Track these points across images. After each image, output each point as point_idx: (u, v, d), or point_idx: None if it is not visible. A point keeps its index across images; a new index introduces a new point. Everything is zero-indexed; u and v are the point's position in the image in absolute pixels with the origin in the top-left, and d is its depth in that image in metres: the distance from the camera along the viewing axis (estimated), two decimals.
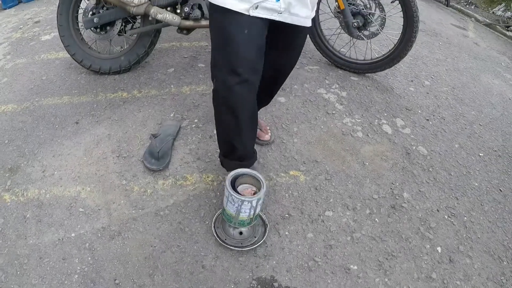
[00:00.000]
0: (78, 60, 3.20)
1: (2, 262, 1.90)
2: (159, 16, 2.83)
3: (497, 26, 8.22)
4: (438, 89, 3.71)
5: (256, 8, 1.57)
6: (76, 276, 1.84)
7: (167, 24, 2.90)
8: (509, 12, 9.29)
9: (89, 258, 1.92)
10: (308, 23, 1.77)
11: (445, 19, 7.42)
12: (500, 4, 9.97)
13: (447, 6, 9.32)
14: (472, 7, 9.59)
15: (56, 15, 3.13)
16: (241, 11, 1.57)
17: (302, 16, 1.69)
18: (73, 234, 2.02)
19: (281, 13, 1.62)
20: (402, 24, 3.17)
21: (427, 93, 3.57)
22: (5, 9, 6.12)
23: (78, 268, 1.87)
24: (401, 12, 3.15)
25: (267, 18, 1.62)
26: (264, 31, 1.71)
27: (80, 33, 3.23)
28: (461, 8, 9.25)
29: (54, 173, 2.37)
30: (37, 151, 2.54)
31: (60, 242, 1.98)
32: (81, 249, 1.95)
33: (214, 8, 1.64)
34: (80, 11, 3.19)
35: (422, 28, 5.86)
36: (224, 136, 2.00)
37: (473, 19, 8.43)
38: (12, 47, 4.05)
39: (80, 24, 3.20)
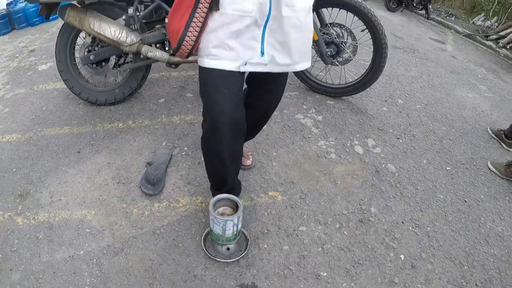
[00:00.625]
0: (76, 92, 3.46)
1: (19, 277, 2.13)
2: (150, 54, 3.11)
3: (477, 36, 8.49)
4: (411, 107, 3.94)
5: (245, 64, 1.79)
6: (86, 287, 2.09)
7: (157, 60, 3.18)
8: (489, 22, 9.56)
9: (97, 272, 2.16)
10: (296, 69, 1.97)
11: (424, 33, 7.60)
12: (480, 14, 10.24)
13: (427, 19, 9.58)
14: (453, 18, 9.82)
15: (54, 51, 3.39)
16: (231, 69, 1.78)
17: (286, 64, 1.89)
18: (82, 252, 2.26)
19: (266, 65, 1.83)
20: (372, 50, 3.44)
21: (400, 112, 3.80)
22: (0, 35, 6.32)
23: (88, 280, 2.12)
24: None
25: None
26: (243, 84, 1.97)
27: (77, 67, 3.49)
28: (441, 20, 9.51)
29: (61, 198, 2.61)
30: (44, 179, 2.77)
31: (70, 259, 2.22)
32: (90, 264, 2.20)
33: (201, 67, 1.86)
34: (77, 47, 3.46)
35: (400, 45, 6.06)
36: (213, 174, 2.25)
37: (452, 31, 8.65)
38: (11, 77, 4.28)
39: (77, 60, 3.46)
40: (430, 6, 9.80)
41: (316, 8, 3.40)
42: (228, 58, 1.75)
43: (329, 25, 3.48)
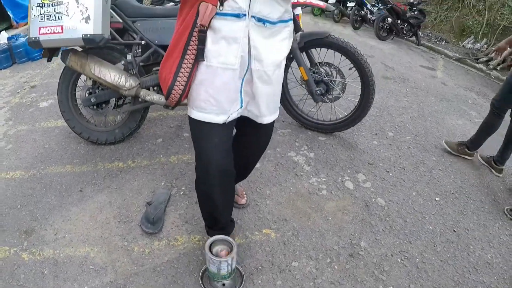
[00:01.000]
0: (77, 132, 3.60)
1: None
2: (147, 98, 3.26)
3: (467, 60, 8.67)
4: (401, 139, 4.07)
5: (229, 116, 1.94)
6: None
7: (154, 103, 3.33)
8: (478, 44, 9.77)
9: None
10: (263, 121, 2.10)
11: (415, 61, 7.74)
12: (469, 36, 10.44)
13: (418, 45, 9.80)
14: (443, 43, 10.03)
15: (55, 88, 3.53)
16: (218, 122, 1.92)
17: (255, 114, 2.05)
18: (86, 287, 2.37)
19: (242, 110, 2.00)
20: (360, 87, 3.59)
21: (390, 144, 3.94)
22: (1, 69, 6.42)
23: None
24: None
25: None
26: (232, 132, 2.11)
27: (79, 108, 3.64)
28: (432, 45, 9.72)
29: (65, 235, 2.72)
30: (48, 216, 2.88)
31: None
32: None
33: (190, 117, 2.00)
34: (78, 88, 3.61)
35: (390, 75, 6.22)
36: (206, 214, 2.38)
37: (443, 56, 8.82)
38: (13, 113, 4.41)
39: (78, 101, 3.62)
40: (420, 32, 10.05)
41: (305, 49, 3.58)
42: (215, 112, 1.89)
43: (318, 64, 3.65)
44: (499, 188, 3.48)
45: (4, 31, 8.06)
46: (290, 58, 3.52)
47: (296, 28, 3.55)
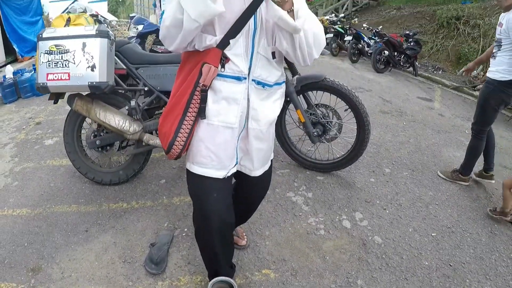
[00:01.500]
0: (82, 172, 3.72)
1: None
2: (151, 142, 3.40)
3: (464, 88, 8.79)
4: (398, 175, 4.15)
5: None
6: None
7: (157, 147, 3.46)
8: (475, 71, 9.91)
9: None
10: (256, 174, 2.18)
11: (412, 93, 7.86)
12: (465, 64, 10.59)
13: (415, 76, 9.96)
14: (440, 72, 10.19)
15: (60, 126, 3.66)
16: (218, 177, 2.01)
17: (249, 168, 2.15)
18: None
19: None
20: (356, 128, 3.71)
21: (387, 181, 4.02)
22: (6, 103, 6.64)
23: None
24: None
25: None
26: (231, 186, 2.20)
27: (84, 149, 3.77)
28: (429, 75, 9.89)
29: (71, 274, 2.79)
30: (54, 255, 2.96)
31: None
32: None
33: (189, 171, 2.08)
34: (83, 131, 3.75)
35: (388, 109, 6.33)
36: (207, 262, 2.44)
37: (440, 85, 8.94)
38: (19, 149, 4.56)
39: (84, 143, 3.74)
40: (417, 63, 10.22)
41: (302, 92, 3.72)
42: (215, 167, 1.98)
43: (315, 106, 3.78)
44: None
45: (9, 64, 8.26)
46: (287, 101, 3.64)
47: (293, 71, 3.68)
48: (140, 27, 6.90)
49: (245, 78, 1.87)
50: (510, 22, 3.46)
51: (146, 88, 3.43)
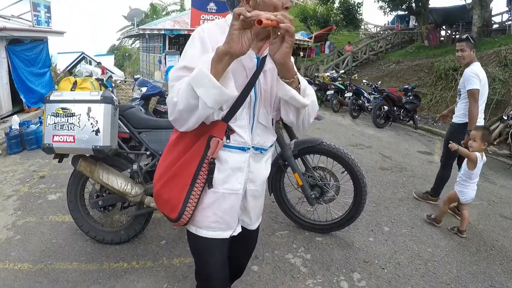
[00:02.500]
0: (84, 231, 3.77)
1: None
2: (152, 205, 3.46)
3: None
4: (397, 233, 4.17)
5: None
6: None
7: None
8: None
9: None
10: (253, 228, 2.28)
11: (412, 147, 7.94)
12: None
13: (415, 129, 10.09)
14: (440, 123, 10.28)
15: (62, 180, 3.74)
16: (225, 237, 2.06)
17: (247, 223, 2.22)
18: None
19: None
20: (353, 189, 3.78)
21: (386, 240, 4.03)
22: (11, 154, 6.76)
23: None
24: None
25: None
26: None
27: (87, 208, 3.83)
28: (429, 128, 10.01)
29: None
30: None
31: None
32: None
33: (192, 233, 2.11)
34: (86, 190, 3.82)
35: (388, 165, 6.40)
36: None
37: (440, 137, 9.02)
38: (22, 202, 4.60)
39: (86, 202, 3.81)
40: (416, 116, 10.37)
41: (300, 155, 3.81)
42: (222, 229, 2.03)
43: (312, 168, 3.87)
44: (496, 271, 3.54)
45: (16, 115, 8.43)
46: (285, 164, 3.75)
47: (291, 135, 3.79)
48: (144, 89, 7.10)
49: (249, 148, 1.95)
50: (465, 76, 4.53)
51: (148, 153, 3.54)
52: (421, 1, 21.76)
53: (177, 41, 18.07)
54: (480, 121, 4.53)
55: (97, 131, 3.09)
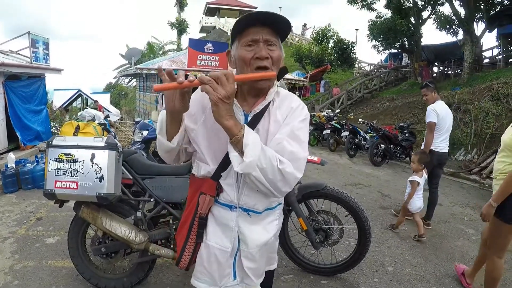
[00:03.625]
0: (86, 278, 3.69)
1: None
2: (156, 252, 3.42)
3: (460, 173, 8.91)
4: (401, 273, 4.16)
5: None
6: None
7: (162, 257, 3.49)
8: (469, 155, 10.11)
9: None
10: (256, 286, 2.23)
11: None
12: (460, 149, 10.83)
13: None
14: None
15: (67, 237, 3.64)
16: None
17: (248, 283, 2.16)
18: None
19: (238, 284, 2.11)
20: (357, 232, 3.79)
21: (390, 280, 4.01)
22: (6, 193, 6.61)
23: None
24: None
25: None
26: None
27: (88, 254, 3.77)
28: None
29: None
30: None
31: None
32: None
33: None
34: (88, 236, 3.76)
35: (388, 204, 6.43)
36: None
37: None
38: (19, 245, 4.48)
39: (88, 248, 3.74)
40: (412, 153, 10.44)
41: (304, 200, 3.83)
42: (208, 283, 2.06)
43: (316, 213, 3.88)
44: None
45: (11, 152, 8.35)
46: (289, 209, 3.78)
47: None
48: (145, 133, 7.14)
49: (236, 207, 1.97)
50: (426, 112, 5.77)
51: (152, 200, 3.52)
52: (413, 39, 22.15)
53: None
54: (444, 148, 5.70)
55: (101, 178, 3.08)
